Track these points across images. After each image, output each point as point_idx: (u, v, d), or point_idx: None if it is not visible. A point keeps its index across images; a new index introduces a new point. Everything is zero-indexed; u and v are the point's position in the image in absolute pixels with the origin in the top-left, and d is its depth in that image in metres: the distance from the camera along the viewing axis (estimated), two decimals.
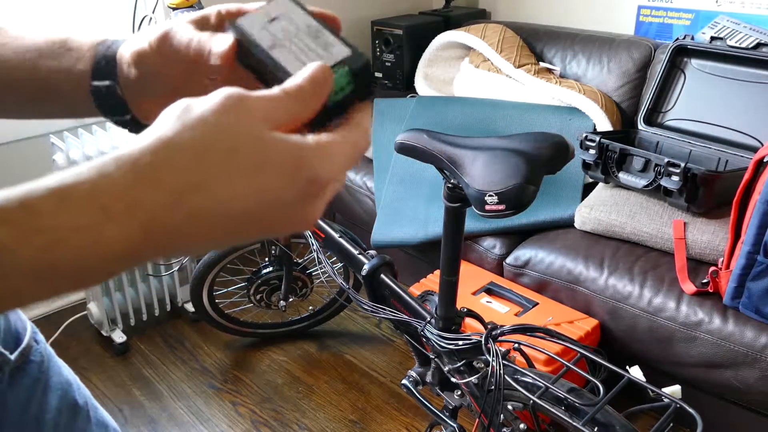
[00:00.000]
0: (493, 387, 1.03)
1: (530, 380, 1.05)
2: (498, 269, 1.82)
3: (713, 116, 1.85)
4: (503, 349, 1.08)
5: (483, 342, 1.10)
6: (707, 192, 1.56)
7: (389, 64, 2.56)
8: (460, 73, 2.36)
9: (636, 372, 0.97)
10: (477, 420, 1.20)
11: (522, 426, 1.16)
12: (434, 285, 1.75)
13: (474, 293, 1.73)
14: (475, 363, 1.20)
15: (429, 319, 1.25)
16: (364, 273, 1.39)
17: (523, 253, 1.76)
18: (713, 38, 1.87)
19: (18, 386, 0.58)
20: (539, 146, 1.03)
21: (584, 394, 1.02)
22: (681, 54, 1.93)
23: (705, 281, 1.51)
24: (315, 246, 1.58)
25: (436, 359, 1.29)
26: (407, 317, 1.30)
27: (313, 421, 1.73)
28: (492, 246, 1.83)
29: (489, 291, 1.76)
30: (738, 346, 1.41)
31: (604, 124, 1.98)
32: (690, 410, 0.87)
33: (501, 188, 0.97)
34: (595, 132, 1.89)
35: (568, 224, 1.82)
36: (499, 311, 1.66)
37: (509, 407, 1.17)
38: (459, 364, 1.20)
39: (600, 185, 1.86)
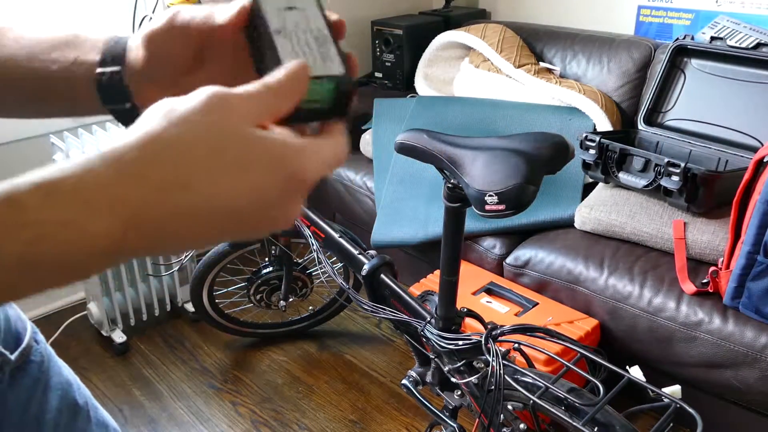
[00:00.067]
0: (493, 387, 1.03)
1: (530, 380, 1.05)
2: (498, 269, 1.82)
3: (713, 116, 1.85)
4: (503, 349, 1.08)
5: (483, 342, 1.10)
6: (707, 192, 1.56)
7: (389, 64, 2.56)
8: (460, 73, 2.36)
9: (636, 372, 0.97)
10: (477, 420, 1.20)
11: (522, 426, 1.16)
12: (434, 285, 1.75)
13: (474, 293, 1.73)
14: (475, 363, 1.20)
15: (429, 319, 1.25)
16: (364, 273, 1.39)
17: (523, 253, 1.76)
18: (713, 38, 1.87)
19: (18, 386, 0.58)
20: (539, 146, 1.03)
21: (584, 394, 1.02)
22: (681, 54, 1.93)
23: (705, 281, 1.51)
24: (315, 246, 1.58)
25: (436, 359, 1.29)
26: (407, 317, 1.30)
27: (313, 421, 1.73)
28: (492, 246, 1.83)
29: (489, 291, 1.76)
30: (738, 346, 1.41)
31: (604, 124, 1.98)
32: (690, 410, 0.87)
33: (501, 188, 0.97)
34: (595, 132, 1.89)
35: (568, 224, 1.82)
36: (499, 311, 1.66)
37: (509, 407, 1.17)
38: (459, 364, 1.20)
39: (600, 185, 1.86)
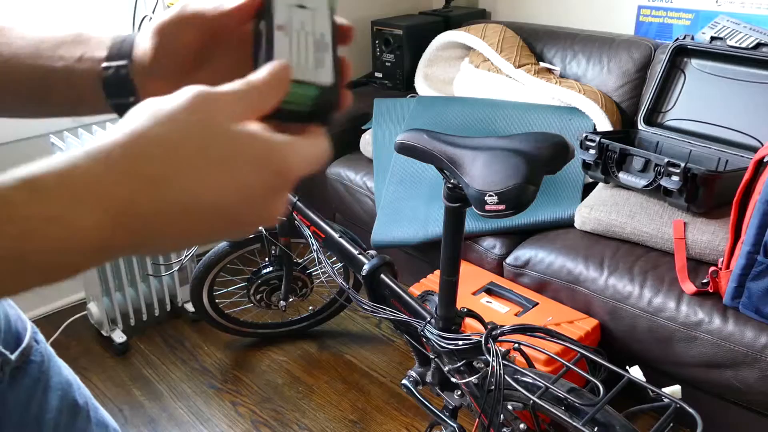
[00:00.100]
0: (493, 387, 1.03)
1: (530, 380, 1.05)
2: (498, 269, 1.82)
3: (713, 116, 1.85)
4: (503, 349, 1.08)
5: (483, 342, 1.10)
6: (707, 192, 1.56)
7: (389, 64, 2.56)
8: (460, 73, 2.36)
9: (636, 372, 0.97)
10: (477, 420, 1.20)
11: (522, 426, 1.16)
12: (434, 285, 1.75)
13: (474, 293, 1.73)
14: (475, 363, 1.20)
15: (429, 319, 1.25)
16: (364, 273, 1.39)
17: (523, 253, 1.76)
18: (713, 38, 1.87)
19: (18, 386, 0.58)
20: (539, 146, 1.03)
21: (584, 394, 1.02)
22: (681, 54, 1.93)
23: (705, 281, 1.51)
24: (315, 246, 1.58)
25: (436, 359, 1.29)
26: (407, 317, 1.30)
27: (313, 421, 1.73)
28: (492, 246, 1.83)
29: (489, 291, 1.76)
30: (738, 346, 1.41)
31: (604, 124, 1.98)
32: (690, 410, 0.87)
33: (501, 188, 0.97)
34: (595, 132, 1.89)
35: (568, 224, 1.82)
36: (499, 311, 1.66)
37: (509, 407, 1.17)
38: (459, 364, 1.20)
39: (600, 185, 1.86)
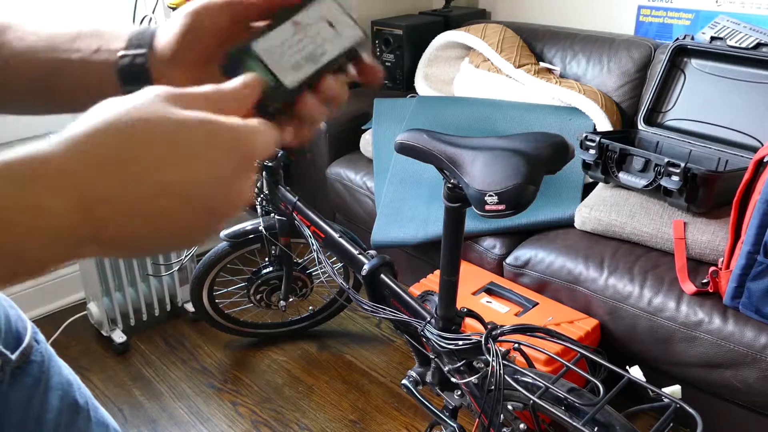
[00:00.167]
0: (493, 387, 1.03)
1: (530, 380, 1.05)
2: (498, 269, 1.82)
3: (713, 116, 1.85)
4: (503, 349, 1.08)
5: (483, 342, 1.10)
6: (707, 192, 1.56)
7: (389, 64, 2.56)
8: (460, 73, 2.36)
9: (636, 372, 0.97)
10: (477, 420, 1.20)
11: (522, 426, 1.16)
12: (434, 285, 1.75)
13: (474, 293, 1.73)
14: (475, 363, 1.20)
15: (429, 319, 1.25)
16: (364, 273, 1.39)
17: (523, 253, 1.76)
18: (713, 38, 1.87)
19: (19, 386, 0.58)
20: (539, 146, 1.03)
21: (584, 394, 1.02)
22: (681, 54, 1.93)
23: (705, 281, 1.51)
24: (315, 246, 1.58)
25: (436, 359, 1.29)
26: (407, 317, 1.30)
27: (313, 421, 1.74)
28: (492, 246, 1.83)
29: (489, 291, 1.76)
30: (738, 346, 1.41)
31: (604, 124, 1.98)
32: (690, 410, 0.87)
33: (501, 188, 0.97)
34: (595, 132, 1.89)
35: (568, 224, 1.82)
36: (499, 311, 1.66)
37: (509, 407, 1.17)
38: (459, 364, 1.20)
39: (600, 185, 1.86)
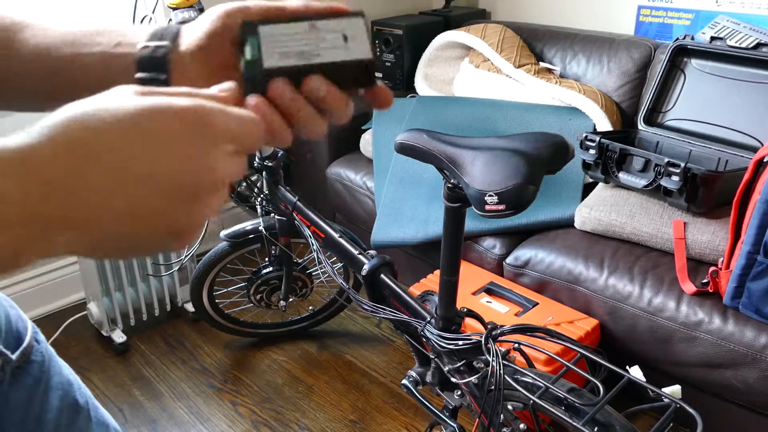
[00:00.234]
0: (493, 387, 1.04)
1: (530, 380, 1.05)
2: (498, 269, 1.82)
3: (713, 116, 1.85)
4: (503, 349, 1.08)
5: (483, 342, 1.10)
6: (707, 192, 1.56)
7: (389, 64, 2.56)
8: (460, 73, 2.36)
9: (636, 372, 0.97)
10: (477, 420, 1.20)
11: (522, 426, 1.16)
12: (434, 285, 1.75)
13: (474, 293, 1.73)
14: (475, 363, 1.20)
15: (429, 319, 1.25)
16: (364, 273, 1.39)
17: (523, 253, 1.76)
18: (713, 38, 1.87)
19: (19, 386, 0.58)
20: (539, 146, 1.03)
21: (584, 394, 1.02)
22: (681, 54, 1.93)
23: (705, 281, 1.51)
24: (315, 246, 1.58)
25: (436, 359, 1.29)
26: (407, 317, 1.30)
27: (313, 421, 1.74)
28: (492, 246, 1.83)
29: (489, 291, 1.76)
30: (738, 346, 1.41)
31: (604, 124, 1.98)
32: (690, 410, 0.87)
33: (501, 188, 0.97)
34: (595, 132, 1.89)
35: (568, 224, 1.82)
36: (499, 311, 1.66)
37: (509, 407, 1.17)
38: (459, 364, 1.20)
39: (600, 185, 1.86)
